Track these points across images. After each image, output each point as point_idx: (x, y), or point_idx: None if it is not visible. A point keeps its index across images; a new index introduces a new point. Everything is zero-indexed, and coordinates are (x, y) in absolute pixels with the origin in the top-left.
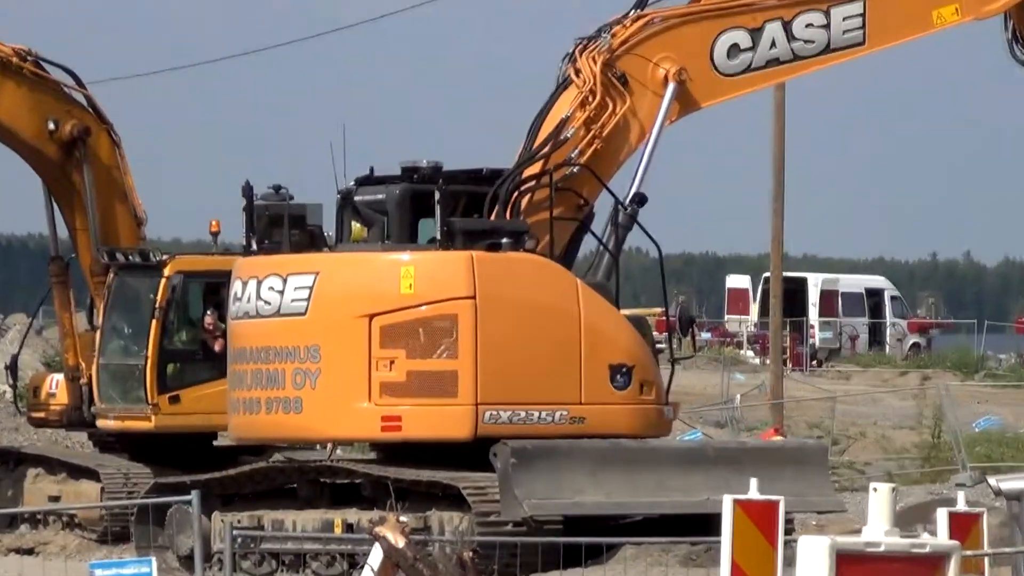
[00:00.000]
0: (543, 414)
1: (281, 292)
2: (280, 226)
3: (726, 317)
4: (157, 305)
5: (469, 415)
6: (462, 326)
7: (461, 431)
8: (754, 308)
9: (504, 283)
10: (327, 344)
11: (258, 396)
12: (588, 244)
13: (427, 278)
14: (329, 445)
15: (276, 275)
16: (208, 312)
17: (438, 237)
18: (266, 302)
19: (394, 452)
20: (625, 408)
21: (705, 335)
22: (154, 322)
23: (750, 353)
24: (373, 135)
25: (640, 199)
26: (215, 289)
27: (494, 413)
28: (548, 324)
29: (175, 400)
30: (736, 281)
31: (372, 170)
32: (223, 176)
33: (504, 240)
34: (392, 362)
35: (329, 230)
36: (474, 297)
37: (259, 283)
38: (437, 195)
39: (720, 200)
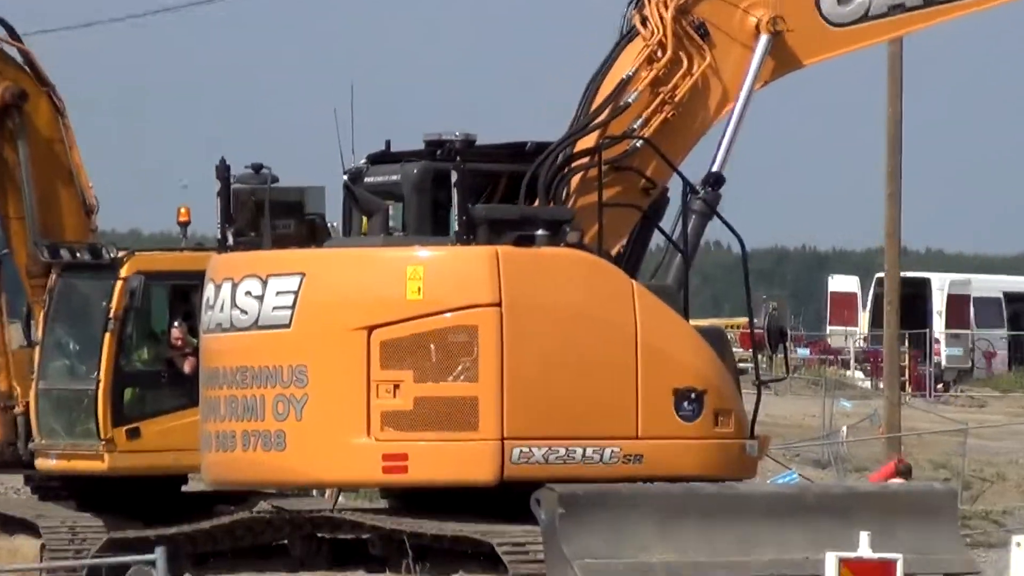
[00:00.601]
0: (588, 451)
1: (260, 298)
2: (276, 215)
3: (828, 329)
4: (112, 314)
5: (493, 453)
6: (484, 340)
7: (483, 473)
8: (863, 318)
9: (538, 286)
10: (316, 364)
11: (233, 429)
12: (657, 239)
13: (440, 280)
14: (329, 491)
15: (254, 277)
16: (175, 323)
17: (455, 228)
18: (242, 311)
19: (411, 500)
20: (695, 443)
21: (802, 351)
22: (107, 336)
23: (859, 374)
24: (392, 101)
25: (716, 180)
26: (184, 294)
27: (525, 450)
28: (595, 338)
29: (134, 434)
30: (841, 283)
31: (388, 145)
32: (194, 153)
33: (539, 232)
34: (396, 386)
35: (335, 220)
36: (499, 304)
37: (234, 287)
38: (455, 175)
39: (821, 183)
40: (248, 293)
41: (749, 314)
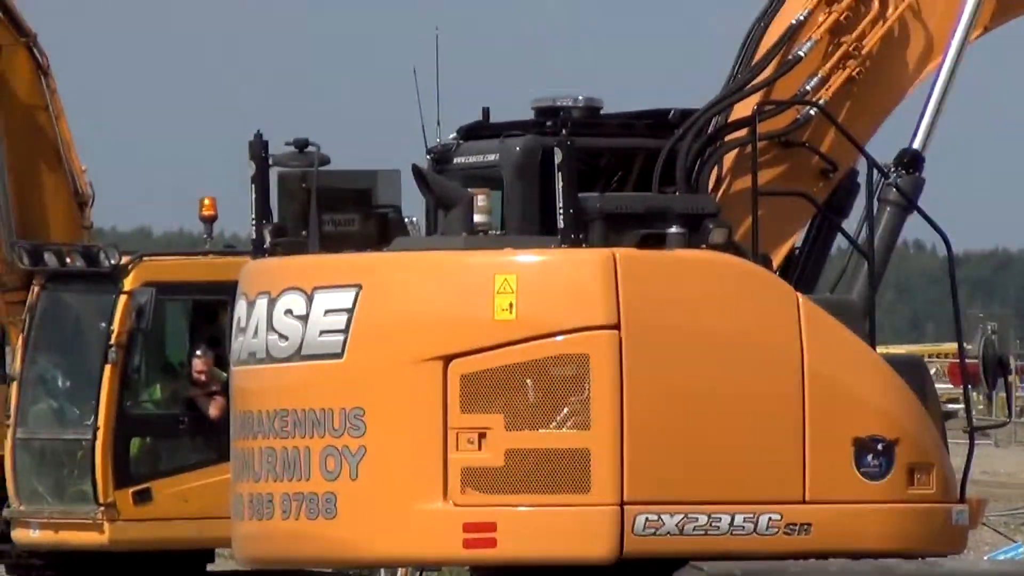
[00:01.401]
0: (738, 519)
1: (304, 319)
2: (335, 208)
3: None
4: (113, 340)
5: (609, 522)
6: (597, 374)
7: (596, 548)
8: None
9: (669, 301)
10: (376, 406)
11: (270, 491)
12: (840, 242)
13: (539, 294)
14: (404, 570)
15: (297, 290)
16: (198, 352)
17: (560, 224)
18: (281, 336)
19: None
20: (882, 509)
21: None
22: (108, 368)
23: None
24: (493, 58)
25: (914, 160)
26: (209, 313)
27: (652, 518)
28: (747, 370)
29: (144, 498)
30: None
31: (486, 114)
32: (221, 128)
33: (672, 229)
34: (482, 435)
35: (415, 215)
36: (617, 326)
37: (271, 304)
38: (559, 154)
39: None
40: (289, 312)
41: (958, 338)
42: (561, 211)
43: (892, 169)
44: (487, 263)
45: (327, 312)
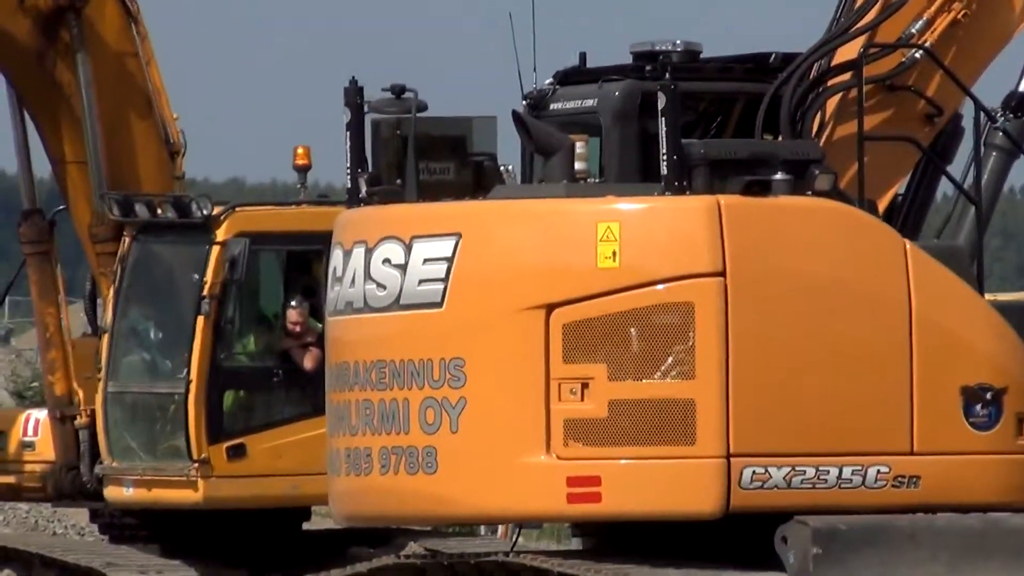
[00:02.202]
0: (846, 472)
1: (403, 267)
2: (430, 156)
3: None
4: (206, 291)
5: (715, 475)
6: (702, 323)
7: (702, 502)
8: None
9: (775, 248)
10: (476, 356)
11: (368, 445)
12: (946, 187)
13: (642, 241)
14: (502, 527)
15: (395, 239)
16: (292, 303)
17: (663, 171)
18: (380, 285)
19: (611, 537)
20: (992, 460)
21: None
22: (200, 320)
23: None
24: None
25: (1021, 103)
26: (303, 264)
27: (759, 471)
28: (854, 318)
29: (238, 453)
30: None
31: (583, 59)
32: (312, 76)
33: (777, 176)
34: (585, 385)
35: (511, 163)
36: (723, 273)
37: (368, 253)
38: (662, 99)
39: None
40: (387, 261)
41: None
42: (664, 157)
43: (999, 113)
44: (590, 211)
45: (426, 261)
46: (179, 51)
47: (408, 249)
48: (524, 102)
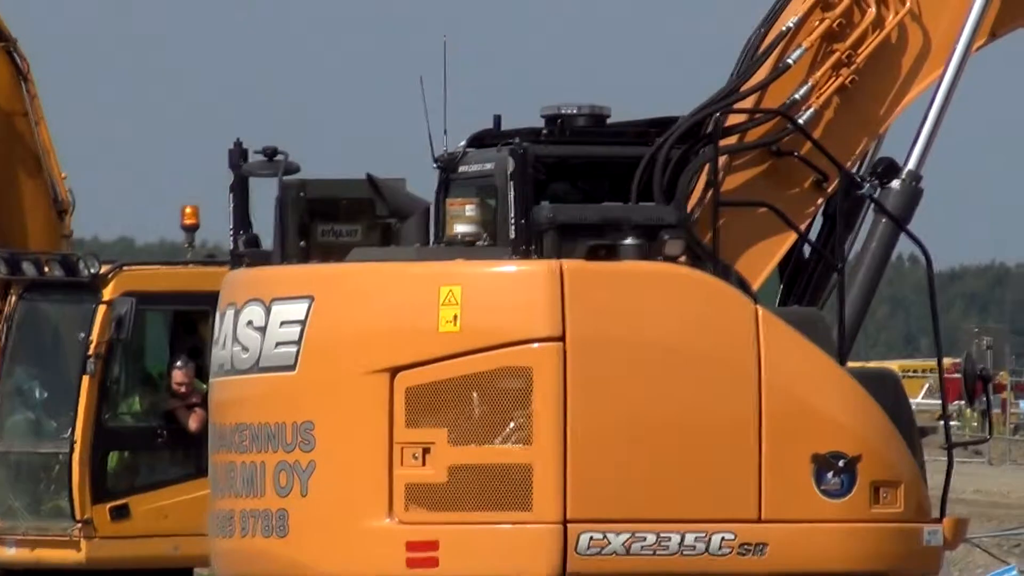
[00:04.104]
0: (688, 539)
1: (263, 330)
2: (337, 218)
3: None
4: (92, 351)
5: (552, 540)
6: (540, 389)
7: (538, 567)
8: None
9: (617, 314)
10: (325, 420)
11: (231, 507)
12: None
13: (483, 305)
14: None
15: (258, 301)
16: (178, 363)
17: (511, 235)
18: (244, 347)
19: None
20: (843, 528)
21: None
22: (86, 380)
23: None
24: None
25: (888, 169)
26: (189, 324)
27: (597, 537)
28: (698, 383)
29: (122, 514)
30: None
31: (498, 122)
32: (202, 136)
33: (627, 240)
34: (426, 450)
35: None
36: (562, 338)
37: (236, 315)
38: (510, 163)
39: None
40: (250, 323)
41: (937, 351)
42: (512, 221)
43: (868, 179)
44: (433, 274)
45: (283, 324)
46: (67, 108)
47: (268, 311)
48: (435, 165)
